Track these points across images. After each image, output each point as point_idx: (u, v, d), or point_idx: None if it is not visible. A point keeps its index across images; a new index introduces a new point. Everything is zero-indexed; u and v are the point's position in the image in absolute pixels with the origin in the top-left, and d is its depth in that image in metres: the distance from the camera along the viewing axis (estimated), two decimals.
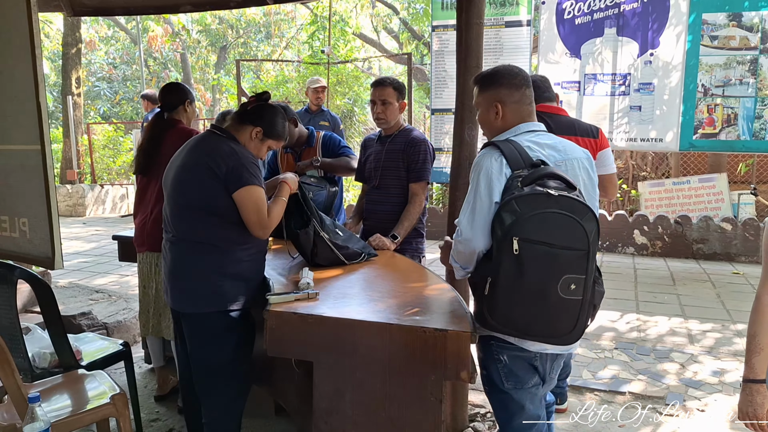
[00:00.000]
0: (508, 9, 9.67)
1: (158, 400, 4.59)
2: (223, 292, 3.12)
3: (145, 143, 4.33)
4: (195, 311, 3.17)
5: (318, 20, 17.78)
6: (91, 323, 5.39)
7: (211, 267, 3.12)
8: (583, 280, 2.38)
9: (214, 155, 3.10)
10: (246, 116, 3.27)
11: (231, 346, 3.19)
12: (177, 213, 3.19)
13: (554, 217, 2.29)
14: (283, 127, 3.37)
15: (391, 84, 4.30)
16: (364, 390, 2.70)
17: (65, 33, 15.74)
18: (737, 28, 8.83)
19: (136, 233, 4.42)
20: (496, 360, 2.64)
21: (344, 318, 2.73)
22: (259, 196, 3.11)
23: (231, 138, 3.22)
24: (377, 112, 4.31)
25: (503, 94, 2.70)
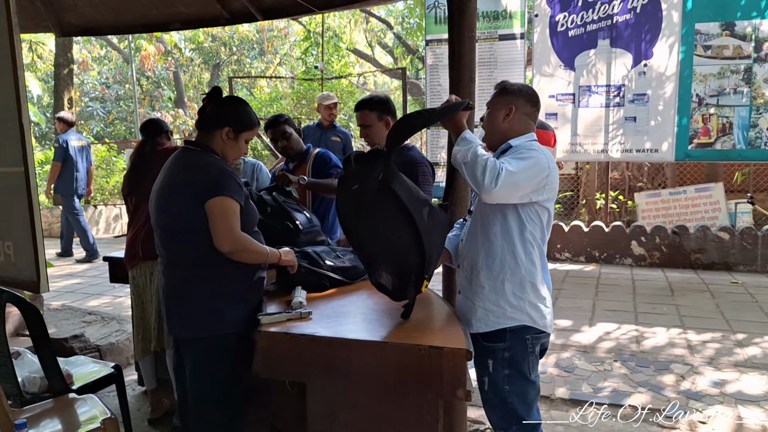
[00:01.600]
0: (502, 22, 9.69)
1: (152, 423, 4.51)
2: (220, 314, 3.04)
3: (135, 163, 4.33)
4: (193, 335, 3.10)
5: (311, 36, 17.81)
6: (84, 346, 5.32)
7: (207, 289, 3.04)
8: None
9: (187, 172, 3.03)
10: (209, 121, 3.15)
11: (230, 369, 3.11)
12: (165, 237, 3.12)
13: None
14: (250, 114, 3.23)
15: (367, 105, 4.14)
16: (358, 411, 2.65)
17: (57, 53, 15.72)
18: (730, 37, 8.84)
19: (126, 249, 4.38)
20: (530, 352, 2.94)
21: (337, 337, 2.68)
22: (229, 206, 2.97)
23: (205, 149, 3.13)
24: (363, 136, 4.21)
25: (520, 102, 3.00)
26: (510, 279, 2.90)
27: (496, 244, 2.91)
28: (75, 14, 5.72)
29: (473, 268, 3.00)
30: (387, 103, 4.18)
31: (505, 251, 2.90)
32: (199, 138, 3.18)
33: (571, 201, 12.89)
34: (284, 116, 4.83)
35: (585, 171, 12.77)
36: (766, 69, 8.78)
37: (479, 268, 2.96)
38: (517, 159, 2.78)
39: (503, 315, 2.90)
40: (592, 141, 9.62)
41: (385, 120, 4.15)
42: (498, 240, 2.90)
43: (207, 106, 3.17)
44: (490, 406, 3.08)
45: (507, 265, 2.91)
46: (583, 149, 9.69)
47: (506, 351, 2.91)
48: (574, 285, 8.48)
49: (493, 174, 2.65)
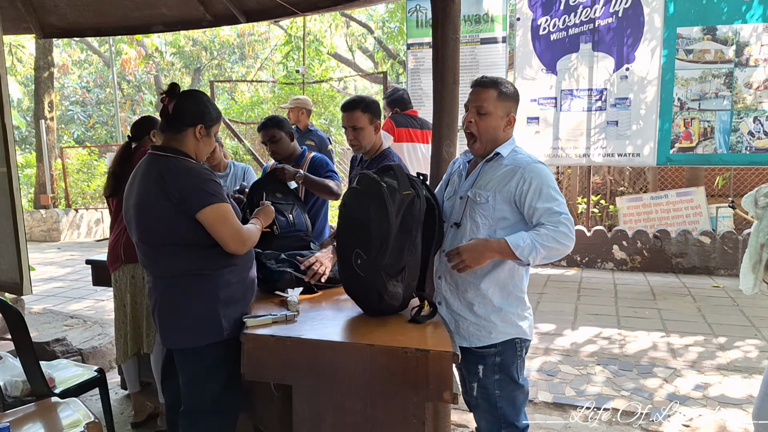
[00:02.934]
0: (483, 26, 9.70)
1: (135, 426, 4.47)
2: (218, 322, 2.98)
3: (116, 167, 4.27)
4: (190, 345, 3.04)
5: (292, 40, 17.77)
6: (66, 349, 5.28)
7: (202, 298, 2.98)
8: None
9: (161, 182, 2.88)
10: (176, 121, 3.01)
11: (227, 374, 3.06)
12: (150, 253, 3.03)
13: None
14: (214, 105, 3.13)
15: (358, 106, 3.98)
16: (344, 413, 2.64)
17: (37, 57, 15.62)
18: (712, 41, 8.90)
19: (109, 252, 4.33)
20: (519, 356, 2.97)
21: (323, 340, 2.68)
22: (227, 211, 2.91)
23: (176, 153, 2.99)
24: (350, 139, 4.06)
25: (515, 107, 3.00)
26: (500, 294, 2.91)
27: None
28: (57, 16, 5.68)
29: (459, 283, 3.00)
30: (378, 107, 4.12)
31: (496, 267, 2.91)
32: (167, 141, 3.03)
33: None
34: (276, 119, 4.75)
35: (566, 175, 12.82)
36: (746, 73, 8.84)
37: (467, 284, 2.96)
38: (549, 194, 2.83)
39: (495, 330, 2.92)
40: (574, 145, 9.65)
41: (375, 124, 4.05)
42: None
43: (169, 105, 3.02)
44: (480, 411, 3.08)
45: (497, 281, 2.91)
46: (564, 153, 9.72)
47: (497, 356, 2.93)
48: (556, 289, 8.50)
49: (566, 236, 2.76)
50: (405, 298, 2.91)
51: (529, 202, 2.81)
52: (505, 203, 2.85)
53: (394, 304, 2.87)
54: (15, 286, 2.55)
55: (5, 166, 2.49)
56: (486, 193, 2.88)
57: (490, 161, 2.96)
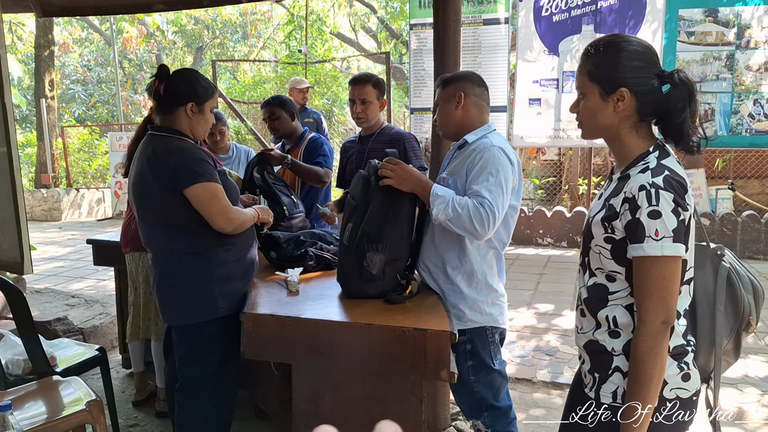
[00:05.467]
0: (486, 7, 9.67)
1: (136, 405, 4.52)
2: (214, 300, 3.01)
3: (132, 146, 4.26)
4: (186, 323, 3.07)
5: (295, 20, 17.73)
6: (67, 328, 5.31)
7: (197, 276, 3.01)
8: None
9: (156, 161, 2.91)
10: (168, 102, 3.02)
11: (222, 353, 3.09)
12: (148, 231, 3.08)
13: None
14: (206, 81, 3.11)
15: (370, 81, 4.15)
16: (343, 391, 2.66)
17: (37, 35, 15.56)
18: (713, 23, 8.88)
19: (121, 233, 4.36)
20: (491, 341, 2.97)
21: (322, 319, 2.69)
22: (214, 189, 2.91)
23: (172, 132, 3.02)
24: (357, 112, 4.16)
25: (467, 86, 2.96)
26: (467, 282, 2.92)
27: (452, 249, 2.93)
28: None
29: (432, 269, 3.02)
30: (384, 86, 4.27)
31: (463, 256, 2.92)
32: (162, 122, 3.06)
33: (554, 187, 12.94)
34: (280, 99, 4.83)
35: (568, 157, 12.81)
36: (747, 56, 8.83)
37: (438, 270, 2.99)
38: (486, 179, 2.73)
39: (463, 317, 2.91)
40: (575, 127, 9.60)
41: (382, 101, 4.21)
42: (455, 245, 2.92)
43: (160, 88, 3.03)
44: (459, 396, 3.14)
45: (463, 268, 2.92)
46: (566, 135, 9.73)
47: (467, 343, 2.95)
48: (556, 270, 8.53)
49: (481, 219, 2.64)
50: (387, 275, 2.89)
51: (469, 182, 2.78)
52: (463, 188, 2.84)
53: (371, 272, 2.86)
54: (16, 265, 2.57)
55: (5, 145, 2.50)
56: (450, 179, 2.91)
57: (461, 148, 2.98)
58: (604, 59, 1.94)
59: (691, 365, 1.92)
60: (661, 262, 1.79)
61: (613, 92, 1.92)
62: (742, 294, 1.96)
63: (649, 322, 1.82)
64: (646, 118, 1.92)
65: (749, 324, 1.98)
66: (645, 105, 1.90)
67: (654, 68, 1.90)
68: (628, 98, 1.90)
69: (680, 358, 1.91)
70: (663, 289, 1.80)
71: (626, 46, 1.91)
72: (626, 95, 1.90)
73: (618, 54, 1.91)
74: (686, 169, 8.21)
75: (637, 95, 1.89)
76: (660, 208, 1.78)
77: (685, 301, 1.92)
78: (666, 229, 1.78)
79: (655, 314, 1.81)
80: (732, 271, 1.98)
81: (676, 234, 1.78)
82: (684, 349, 1.91)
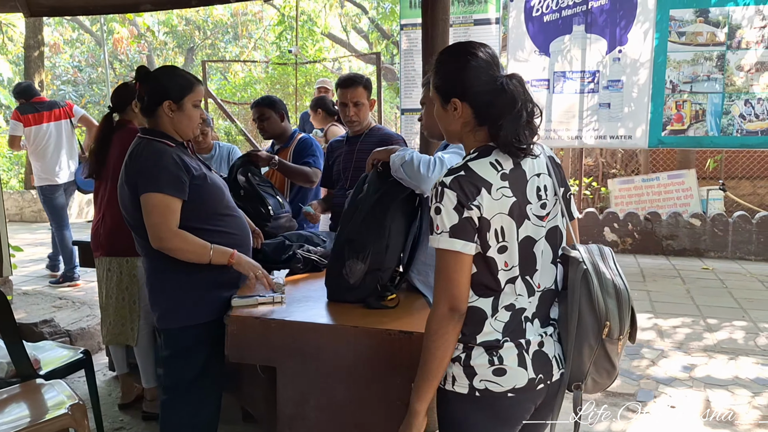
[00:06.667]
0: (477, 7, 9.63)
1: (122, 408, 4.47)
2: (199, 306, 2.99)
3: (94, 146, 4.23)
4: (170, 326, 3.05)
5: (285, 20, 17.68)
6: (54, 330, 5.26)
7: (184, 281, 2.98)
8: None
9: (129, 164, 2.92)
10: (147, 103, 2.99)
11: (204, 358, 3.05)
12: (135, 233, 3.05)
13: None
14: (183, 76, 3.05)
15: (361, 82, 4.12)
16: (329, 395, 2.64)
17: (27, 36, 15.44)
18: (704, 23, 8.87)
19: (91, 237, 4.33)
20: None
21: (308, 322, 2.67)
22: (157, 203, 2.83)
23: (157, 135, 2.98)
24: (350, 115, 4.13)
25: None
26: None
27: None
28: None
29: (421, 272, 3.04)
30: (372, 84, 4.28)
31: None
32: (149, 125, 3.03)
33: None
34: (270, 99, 4.82)
35: (559, 157, 12.76)
36: (738, 56, 8.82)
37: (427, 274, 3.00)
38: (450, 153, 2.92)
39: None
40: (566, 127, 9.62)
41: (371, 101, 4.21)
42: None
43: (140, 91, 3.01)
44: None
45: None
46: (557, 135, 9.70)
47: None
48: None
49: (428, 165, 2.77)
50: (366, 285, 2.86)
51: None
52: None
53: (349, 281, 2.84)
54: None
55: None
56: None
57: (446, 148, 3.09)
58: (440, 72, 2.08)
59: (511, 363, 1.99)
60: (441, 255, 1.95)
61: (448, 102, 2.05)
62: (597, 296, 1.95)
63: (436, 307, 1.98)
64: (484, 123, 2.01)
65: (607, 330, 1.95)
66: (479, 111, 2.00)
67: (486, 76, 1.99)
68: (461, 107, 2.02)
69: (493, 351, 1.99)
70: (445, 279, 1.95)
71: (460, 58, 2.03)
72: (458, 105, 2.02)
73: (451, 66, 2.05)
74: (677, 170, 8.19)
75: (470, 103, 2.01)
76: (442, 205, 1.92)
77: (507, 299, 2.01)
78: (444, 225, 1.92)
79: (439, 300, 1.96)
80: (590, 272, 1.98)
81: (454, 230, 1.91)
82: (499, 344, 1.99)
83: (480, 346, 2.00)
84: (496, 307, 2.01)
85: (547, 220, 2.06)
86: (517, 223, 1.97)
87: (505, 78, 1.97)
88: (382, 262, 2.86)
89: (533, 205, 2.01)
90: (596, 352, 1.99)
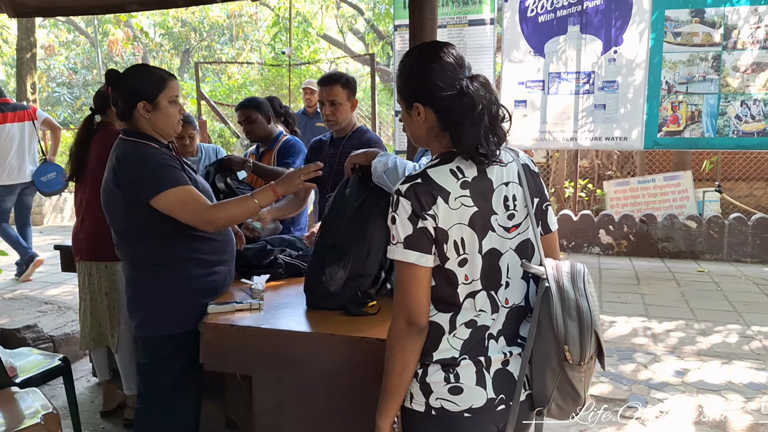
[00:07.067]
0: (471, 7, 9.58)
1: (104, 415, 4.39)
2: (180, 315, 2.90)
3: (75, 148, 4.16)
4: (149, 335, 2.98)
5: (280, 21, 17.61)
6: (37, 336, 5.17)
7: (165, 289, 2.91)
8: None
9: (117, 170, 2.82)
10: (121, 107, 2.90)
11: (183, 364, 2.97)
12: (117, 239, 2.98)
13: None
14: (152, 73, 2.94)
15: (339, 81, 4.01)
16: (306, 404, 2.58)
17: (19, 37, 15.36)
18: (700, 24, 8.81)
19: (72, 241, 4.27)
20: None
21: (284, 329, 2.60)
22: (182, 194, 2.78)
23: (139, 137, 2.90)
24: (327, 114, 4.04)
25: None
26: None
27: None
28: None
29: None
30: (355, 85, 4.13)
31: None
32: (128, 126, 2.95)
33: None
34: (255, 101, 4.74)
35: (554, 159, 12.73)
36: (734, 57, 8.77)
37: None
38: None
39: None
40: (561, 129, 9.55)
41: (352, 101, 4.08)
42: None
43: (113, 95, 2.93)
44: None
45: None
46: (552, 137, 9.63)
47: None
48: None
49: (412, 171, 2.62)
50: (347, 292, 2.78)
51: None
52: None
53: (329, 288, 2.76)
54: None
55: None
56: None
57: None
58: (401, 75, 2.01)
59: (468, 382, 1.90)
60: (397, 267, 1.89)
61: (411, 107, 1.97)
62: (557, 317, 1.83)
63: (393, 321, 1.91)
64: (448, 128, 1.93)
65: (567, 355, 1.83)
66: (441, 116, 1.92)
67: (447, 79, 1.90)
68: (423, 111, 1.94)
69: (449, 369, 1.91)
70: (402, 291, 1.88)
71: (421, 61, 1.95)
72: (421, 109, 1.94)
73: (412, 70, 1.97)
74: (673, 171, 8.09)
75: (432, 108, 1.93)
76: (397, 214, 1.86)
77: (467, 315, 1.92)
78: (399, 236, 1.86)
79: (397, 314, 1.89)
80: (552, 290, 1.87)
81: (409, 241, 1.84)
82: (456, 361, 1.90)
83: (436, 363, 1.92)
84: (454, 323, 1.92)
85: (514, 232, 1.96)
86: (479, 235, 1.88)
87: (466, 80, 1.88)
88: (364, 269, 2.78)
89: (499, 215, 1.92)
90: (559, 376, 1.88)
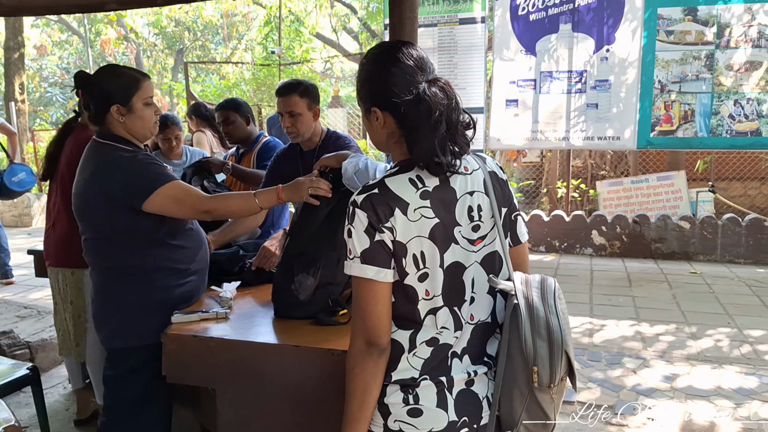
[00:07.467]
0: (462, 5, 9.47)
1: (78, 424, 4.27)
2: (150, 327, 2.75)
3: (51, 147, 4.06)
4: (116, 346, 2.87)
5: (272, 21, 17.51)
6: (13, 342, 5.04)
7: (136, 300, 2.80)
8: None
9: (102, 175, 2.71)
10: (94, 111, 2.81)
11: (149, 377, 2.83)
12: (88, 245, 2.86)
13: None
14: (123, 73, 2.82)
15: (296, 90, 3.69)
16: (272, 419, 2.47)
17: (7, 37, 15.29)
18: (693, 22, 8.73)
19: (43, 246, 4.17)
20: None
21: (248, 341, 2.50)
22: (173, 189, 2.70)
23: (114, 140, 2.79)
24: (287, 126, 3.72)
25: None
26: None
27: None
28: None
29: None
30: (316, 92, 3.83)
31: None
32: (102, 129, 2.83)
33: (533, 190, 12.76)
34: (235, 102, 4.63)
35: (547, 159, 12.63)
36: (727, 55, 8.68)
37: None
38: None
39: None
40: (553, 128, 9.46)
41: (314, 110, 3.77)
42: None
43: (83, 99, 2.84)
44: None
45: None
46: (544, 137, 9.53)
47: None
48: None
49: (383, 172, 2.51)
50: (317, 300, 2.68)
51: None
52: None
53: (299, 297, 2.65)
54: None
55: None
56: None
57: None
58: (359, 78, 1.91)
59: (428, 404, 1.80)
60: (355, 283, 1.78)
61: (369, 112, 1.87)
62: (525, 336, 1.72)
63: (352, 341, 1.80)
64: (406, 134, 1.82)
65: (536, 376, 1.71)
66: (400, 122, 1.81)
67: (404, 83, 1.78)
68: (382, 117, 1.84)
69: (408, 389, 1.80)
70: (360, 309, 1.77)
71: (378, 63, 1.86)
72: (379, 114, 1.84)
73: (369, 72, 1.88)
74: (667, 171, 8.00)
75: (390, 113, 1.82)
76: (353, 227, 1.76)
77: (427, 333, 1.82)
78: (355, 250, 1.75)
79: (355, 333, 1.79)
80: (521, 307, 1.75)
81: (366, 256, 1.74)
82: (416, 382, 1.80)
83: (395, 384, 1.80)
84: (414, 341, 1.81)
85: (480, 244, 1.85)
86: (440, 248, 1.77)
87: (424, 84, 1.76)
88: (334, 276, 2.68)
89: (463, 227, 1.81)
90: (528, 398, 1.76)
